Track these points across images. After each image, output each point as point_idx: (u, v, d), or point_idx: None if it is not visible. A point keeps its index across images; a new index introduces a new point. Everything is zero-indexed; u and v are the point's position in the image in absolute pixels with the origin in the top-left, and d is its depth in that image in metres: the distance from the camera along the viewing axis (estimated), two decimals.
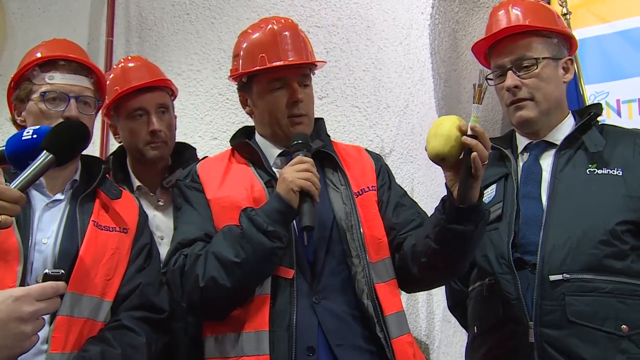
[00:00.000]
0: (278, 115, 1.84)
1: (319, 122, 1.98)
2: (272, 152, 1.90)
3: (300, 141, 1.76)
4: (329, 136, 1.97)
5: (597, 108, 2.00)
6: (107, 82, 2.09)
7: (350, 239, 1.75)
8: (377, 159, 1.96)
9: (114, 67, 2.39)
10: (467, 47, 3.25)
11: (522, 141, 2.01)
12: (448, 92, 3.28)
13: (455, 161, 1.61)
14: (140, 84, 2.21)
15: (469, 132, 1.59)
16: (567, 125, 1.97)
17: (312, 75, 1.93)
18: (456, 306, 2.09)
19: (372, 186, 1.86)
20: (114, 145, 2.96)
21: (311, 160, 1.71)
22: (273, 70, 1.84)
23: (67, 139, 1.48)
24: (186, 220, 1.82)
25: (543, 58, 1.93)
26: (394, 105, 3.17)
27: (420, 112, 3.21)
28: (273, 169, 1.86)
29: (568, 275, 1.72)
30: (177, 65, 3.18)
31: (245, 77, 1.90)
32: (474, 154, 1.57)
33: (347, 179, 1.83)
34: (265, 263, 1.66)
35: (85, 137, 1.56)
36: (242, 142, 1.91)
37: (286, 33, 1.88)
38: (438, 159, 1.62)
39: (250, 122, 2.03)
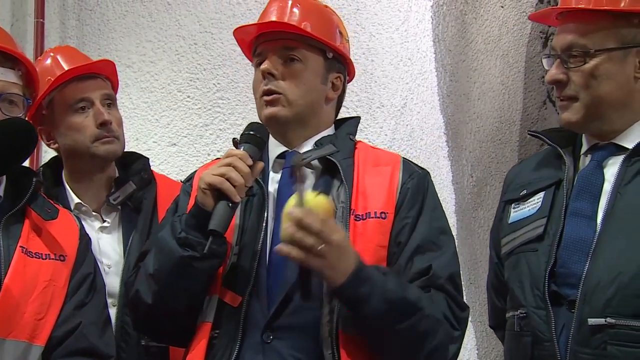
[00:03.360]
0: (256, 94, 1.88)
1: (347, 122, 1.97)
2: (272, 152, 1.89)
3: (250, 132, 1.76)
4: (351, 140, 1.91)
5: None
6: None
7: None
8: (410, 176, 1.83)
9: (39, 59, 2.38)
10: (478, 33, 3.27)
11: (587, 139, 1.90)
12: (455, 87, 3.28)
13: None
14: (81, 66, 2.19)
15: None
16: None
17: (320, 58, 1.88)
18: (499, 326, 2.02)
19: (382, 213, 1.77)
20: (49, 152, 2.91)
21: (241, 152, 1.71)
22: (257, 44, 1.91)
23: (7, 142, 1.44)
24: (162, 226, 1.86)
25: (598, 51, 1.81)
26: (389, 104, 3.17)
27: (421, 112, 3.21)
28: (271, 172, 1.86)
29: (612, 321, 1.65)
30: (125, 56, 3.16)
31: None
32: (284, 248, 1.58)
33: (350, 195, 1.78)
34: (178, 276, 1.68)
35: (30, 139, 1.52)
36: (234, 140, 1.89)
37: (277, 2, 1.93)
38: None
39: (231, 121, 2.02)
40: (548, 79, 1.85)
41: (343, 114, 3.08)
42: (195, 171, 1.96)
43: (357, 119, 2.01)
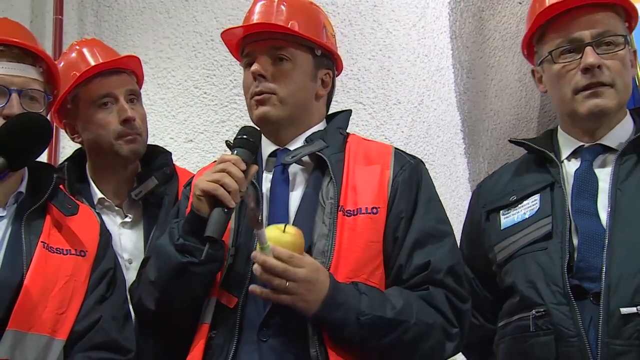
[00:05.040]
0: (247, 94, 1.89)
1: (338, 116, 1.98)
2: (266, 150, 1.90)
3: (243, 136, 1.77)
4: (342, 134, 1.93)
5: None
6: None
7: None
8: (402, 168, 1.84)
9: (65, 52, 2.39)
10: (495, 29, 3.25)
11: (567, 144, 1.99)
12: (472, 84, 3.27)
13: None
14: (106, 62, 2.20)
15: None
16: (626, 127, 1.96)
17: (309, 55, 1.91)
18: (472, 346, 2.04)
19: (373, 208, 1.77)
20: (67, 148, 2.94)
21: (234, 157, 1.72)
22: (245, 44, 1.91)
23: (22, 137, 1.45)
24: (164, 232, 1.86)
25: (625, 39, 1.91)
26: (406, 101, 3.16)
27: (438, 109, 3.20)
28: (264, 173, 1.86)
29: None
30: (143, 52, 3.15)
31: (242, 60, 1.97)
32: (255, 289, 1.64)
33: (339, 190, 1.78)
34: (178, 281, 1.70)
35: (45, 134, 1.53)
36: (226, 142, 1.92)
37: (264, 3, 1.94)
38: None
39: (247, 118, 2.03)
40: (593, 62, 1.87)
41: (359, 110, 3.12)
42: (194, 175, 1.97)
43: (348, 113, 2.02)
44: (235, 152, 1.75)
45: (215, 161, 2.07)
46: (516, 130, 3.21)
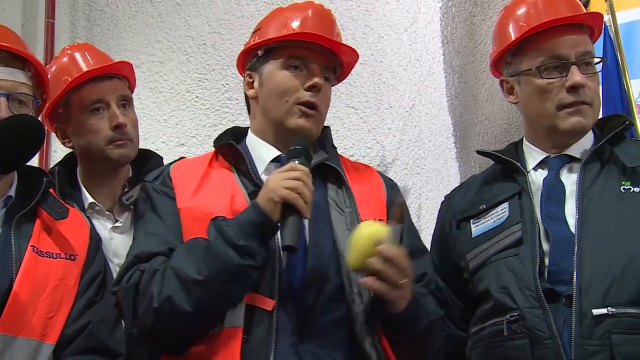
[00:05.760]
0: (289, 97, 1.85)
1: (325, 130, 2.00)
2: (264, 156, 1.89)
3: (298, 147, 1.75)
4: (334, 147, 1.98)
5: (623, 118, 2.08)
6: (49, 76, 2.06)
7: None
8: (389, 186, 1.96)
9: (57, 57, 2.38)
10: (487, 34, 3.27)
11: (534, 155, 2.07)
12: (463, 88, 3.29)
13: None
14: (99, 68, 2.20)
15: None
16: (588, 138, 2.04)
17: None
18: (446, 356, 2.04)
19: (380, 220, 1.81)
20: (58, 151, 2.93)
21: (306, 169, 1.69)
22: (295, 45, 1.88)
23: (13, 139, 1.45)
24: (148, 230, 1.79)
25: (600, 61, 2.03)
26: (398, 105, 3.17)
27: (430, 114, 3.22)
28: (263, 176, 1.85)
29: (614, 310, 1.75)
30: (135, 56, 3.16)
31: (262, 49, 1.93)
32: (372, 283, 1.65)
33: (354, 200, 1.82)
34: (234, 284, 1.64)
35: (37, 137, 1.52)
36: (227, 143, 1.89)
37: (323, 17, 1.95)
38: (357, 272, 1.71)
39: (240, 122, 2.02)
40: (580, 81, 1.96)
41: (351, 115, 3.13)
42: (164, 170, 1.91)
43: (329, 128, 2.04)
44: (297, 161, 1.72)
45: (182, 158, 2.07)
46: (507, 134, 3.23)
